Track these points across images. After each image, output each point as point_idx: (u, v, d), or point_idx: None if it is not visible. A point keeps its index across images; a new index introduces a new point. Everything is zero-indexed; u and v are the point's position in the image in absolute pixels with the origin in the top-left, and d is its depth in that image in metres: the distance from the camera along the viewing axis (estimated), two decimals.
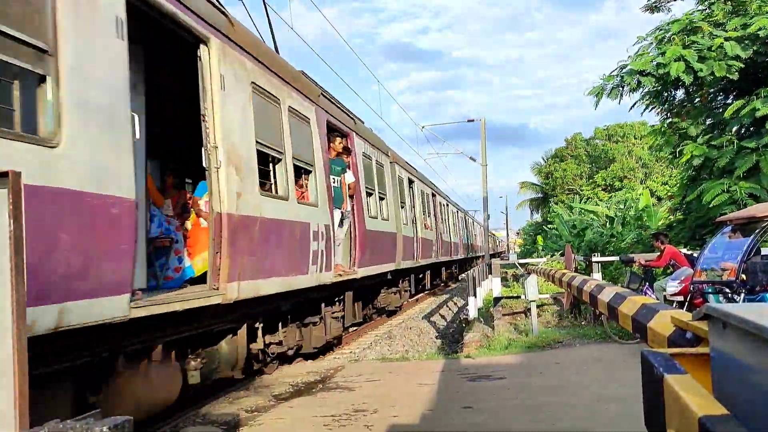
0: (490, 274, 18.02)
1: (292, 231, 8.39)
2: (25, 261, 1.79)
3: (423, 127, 33.14)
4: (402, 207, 16.91)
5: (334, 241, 10.09)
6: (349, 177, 11.24)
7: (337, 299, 11.24)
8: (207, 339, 7.08)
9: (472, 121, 34.14)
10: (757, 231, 8.24)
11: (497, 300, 14.64)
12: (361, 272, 11.91)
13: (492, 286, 16.28)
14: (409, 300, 20.53)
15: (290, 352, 9.65)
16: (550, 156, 63.31)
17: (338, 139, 11.13)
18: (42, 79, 4.13)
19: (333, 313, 10.90)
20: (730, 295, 7.96)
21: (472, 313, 15.73)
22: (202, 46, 6.42)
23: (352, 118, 12.70)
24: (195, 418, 6.85)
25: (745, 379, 1.60)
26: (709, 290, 8.33)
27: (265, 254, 7.51)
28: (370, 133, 14.47)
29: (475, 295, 16.11)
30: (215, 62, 6.52)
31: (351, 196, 11.51)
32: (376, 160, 14.40)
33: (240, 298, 6.81)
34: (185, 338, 6.48)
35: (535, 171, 64.75)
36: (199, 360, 6.79)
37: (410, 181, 19.23)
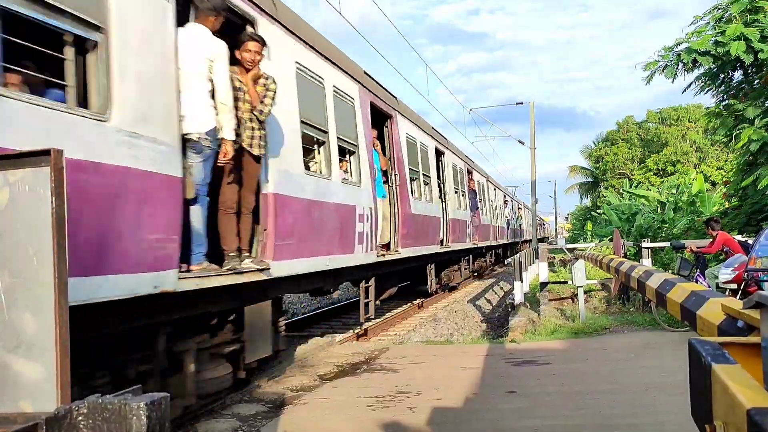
0: (537, 258, 17.88)
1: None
2: (66, 237, 1.83)
3: (470, 110, 32.85)
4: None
5: None
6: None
7: None
8: None
9: (521, 103, 34.02)
10: None
11: (544, 285, 14.47)
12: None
13: (539, 271, 16.12)
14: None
15: None
16: (600, 139, 62.14)
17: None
18: None
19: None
20: None
21: (518, 297, 15.61)
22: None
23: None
24: (242, 397, 6.97)
25: None
26: (765, 278, 8.08)
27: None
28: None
29: (521, 279, 15.98)
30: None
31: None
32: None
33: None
34: None
35: (585, 155, 63.71)
36: None
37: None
